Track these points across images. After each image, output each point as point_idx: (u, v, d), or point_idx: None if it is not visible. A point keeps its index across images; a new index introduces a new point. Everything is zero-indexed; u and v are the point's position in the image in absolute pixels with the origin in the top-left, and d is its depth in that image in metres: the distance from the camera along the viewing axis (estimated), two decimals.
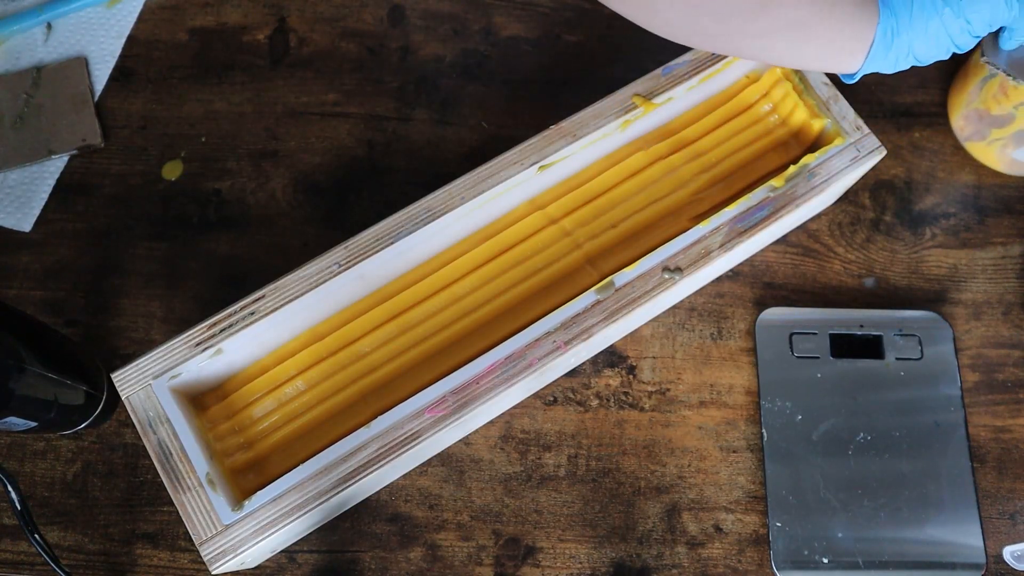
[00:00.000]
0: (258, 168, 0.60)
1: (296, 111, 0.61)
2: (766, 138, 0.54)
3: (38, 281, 0.57)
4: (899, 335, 0.55)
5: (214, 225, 0.58)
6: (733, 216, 0.49)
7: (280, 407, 0.48)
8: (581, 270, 0.51)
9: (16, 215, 0.58)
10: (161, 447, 0.45)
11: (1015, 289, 0.57)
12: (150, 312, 0.56)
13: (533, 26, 0.64)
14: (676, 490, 0.53)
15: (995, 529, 0.52)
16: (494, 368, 0.46)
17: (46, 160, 0.60)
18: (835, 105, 0.52)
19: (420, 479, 0.53)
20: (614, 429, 0.54)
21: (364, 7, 0.64)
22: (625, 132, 0.52)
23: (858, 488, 0.52)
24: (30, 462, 0.53)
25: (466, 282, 0.50)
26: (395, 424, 0.45)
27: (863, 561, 0.50)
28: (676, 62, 0.52)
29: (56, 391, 0.47)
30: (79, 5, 0.63)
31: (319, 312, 0.49)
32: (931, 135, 0.61)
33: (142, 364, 0.46)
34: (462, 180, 0.49)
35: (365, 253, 0.48)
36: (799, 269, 0.58)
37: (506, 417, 0.54)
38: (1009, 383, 0.55)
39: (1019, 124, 0.55)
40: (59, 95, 0.61)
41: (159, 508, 0.52)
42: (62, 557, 0.50)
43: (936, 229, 0.59)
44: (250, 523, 0.43)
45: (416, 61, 0.63)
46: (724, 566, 0.51)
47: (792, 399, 0.54)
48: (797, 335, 0.55)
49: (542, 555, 0.52)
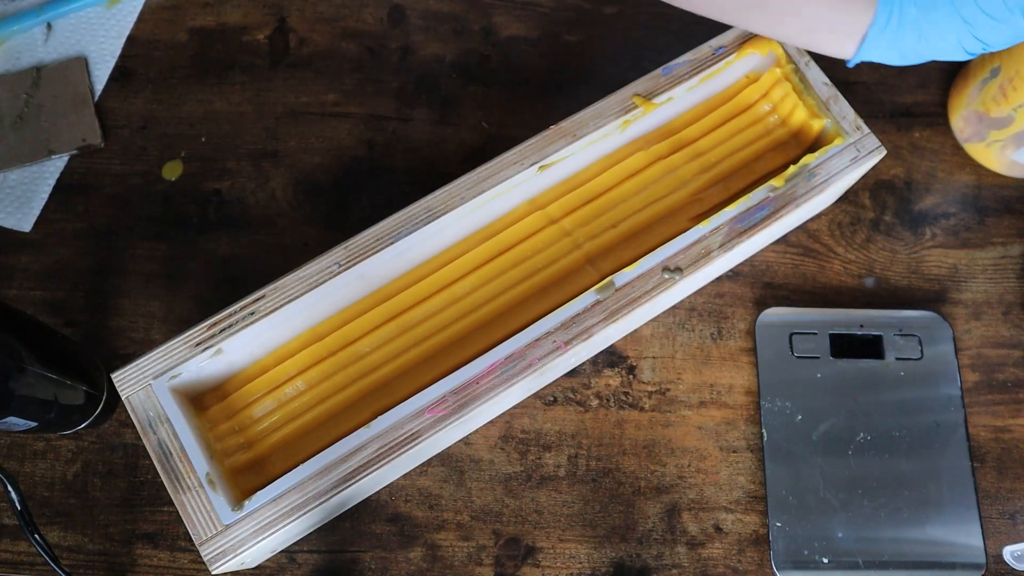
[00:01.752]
0: (258, 168, 0.60)
1: (296, 111, 0.61)
2: (766, 138, 0.54)
3: (38, 281, 0.57)
4: (899, 335, 0.55)
5: (214, 225, 0.58)
6: (733, 216, 0.49)
7: (280, 407, 0.48)
8: (581, 270, 0.51)
9: (16, 215, 0.58)
10: (161, 447, 0.45)
11: (1015, 289, 0.57)
12: (150, 312, 0.56)
13: (533, 26, 0.64)
14: (676, 490, 0.53)
15: (995, 529, 0.52)
16: (494, 368, 0.46)
17: (46, 160, 0.60)
18: (835, 105, 0.52)
19: (420, 479, 0.53)
20: (614, 429, 0.54)
21: (364, 7, 0.64)
22: (625, 132, 0.52)
23: (858, 488, 0.52)
24: (30, 462, 0.53)
25: (466, 282, 0.50)
26: (395, 424, 0.45)
27: (863, 561, 0.50)
28: (676, 62, 0.52)
29: (56, 391, 0.47)
30: (79, 5, 0.63)
31: (319, 312, 0.49)
32: (931, 135, 0.61)
33: (142, 364, 0.46)
34: (462, 180, 0.49)
35: (365, 253, 0.48)
36: (799, 269, 0.58)
37: (506, 417, 0.54)
38: (1009, 383, 0.55)
39: (1018, 126, 0.55)
40: (59, 95, 0.61)
41: (159, 508, 0.52)
42: (62, 557, 0.50)
43: (936, 229, 0.59)
44: (250, 523, 0.43)
45: (416, 61, 0.63)
46: (724, 566, 0.51)
47: (792, 399, 0.54)
48: (797, 335, 0.55)
49: (542, 555, 0.52)
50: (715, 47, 0.53)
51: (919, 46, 0.43)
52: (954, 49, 0.43)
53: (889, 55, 0.44)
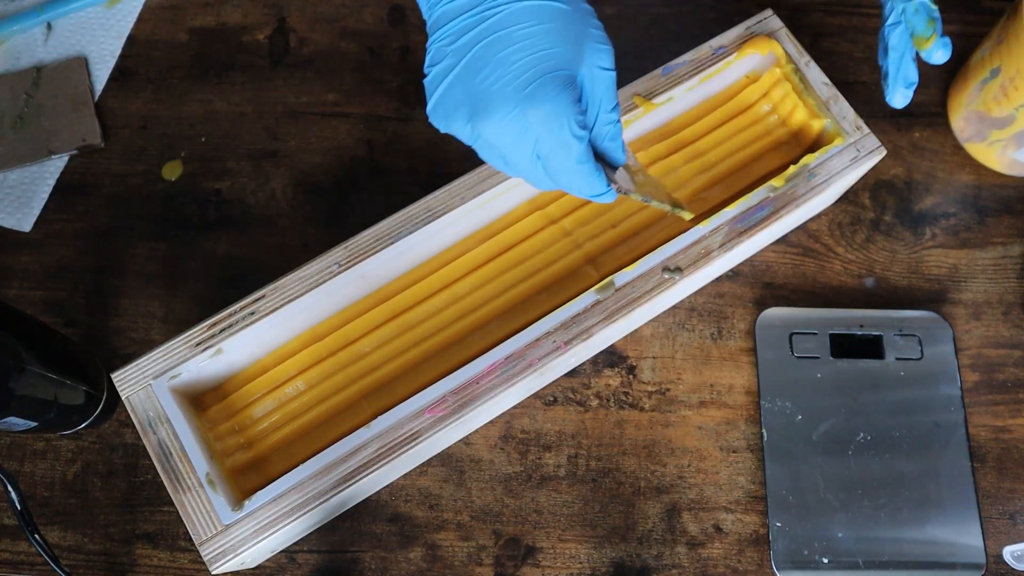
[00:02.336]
0: (258, 168, 0.60)
1: (296, 111, 0.61)
2: (766, 138, 0.54)
3: (38, 281, 0.57)
4: (899, 335, 0.55)
5: (214, 225, 0.58)
6: (733, 216, 0.49)
7: (280, 407, 0.48)
8: (581, 270, 0.51)
9: (16, 215, 0.58)
10: (161, 447, 0.45)
11: (1015, 289, 0.57)
12: (150, 312, 0.56)
13: None
14: (676, 490, 0.53)
15: (995, 529, 0.52)
16: (494, 368, 0.46)
17: (46, 160, 0.60)
18: (835, 105, 0.52)
19: (420, 479, 0.53)
20: (614, 429, 0.54)
21: (364, 7, 0.64)
22: (625, 132, 0.52)
23: (858, 488, 0.52)
24: (30, 462, 0.53)
25: (466, 282, 0.50)
26: (395, 424, 0.45)
27: (863, 561, 0.50)
28: (676, 62, 0.52)
29: (56, 391, 0.47)
30: (79, 5, 0.63)
31: (319, 312, 0.49)
32: (931, 135, 0.61)
33: (142, 364, 0.46)
34: (462, 180, 0.49)
35: (365, 253, 0.48)
36: (799, 269, 0.58)
37: (506, 417, 0.54)
38: (1009, 383, 0.55)
39: (1019, 126, 0.55)
40: (59, 95, 0.61)
41: (159, 508, 0.52)
42: (62, 557, 0.50)
43: (936, 229, 0.59)
44: (250, 523, 0.43)
45: (416, 61, 0.63)
46: (724, 566, 0.51)
47: (792, 399, 0.54)
48: (797, 335, 0.55)
49: (542, 555, 0.52)
50: (715, 47, 0.53)
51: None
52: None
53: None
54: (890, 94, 0.48)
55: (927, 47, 0.46)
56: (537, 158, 0.38)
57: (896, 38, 0.47)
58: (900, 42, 0.47)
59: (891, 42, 0.47)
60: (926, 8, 0.46)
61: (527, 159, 0.38)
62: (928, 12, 0.46)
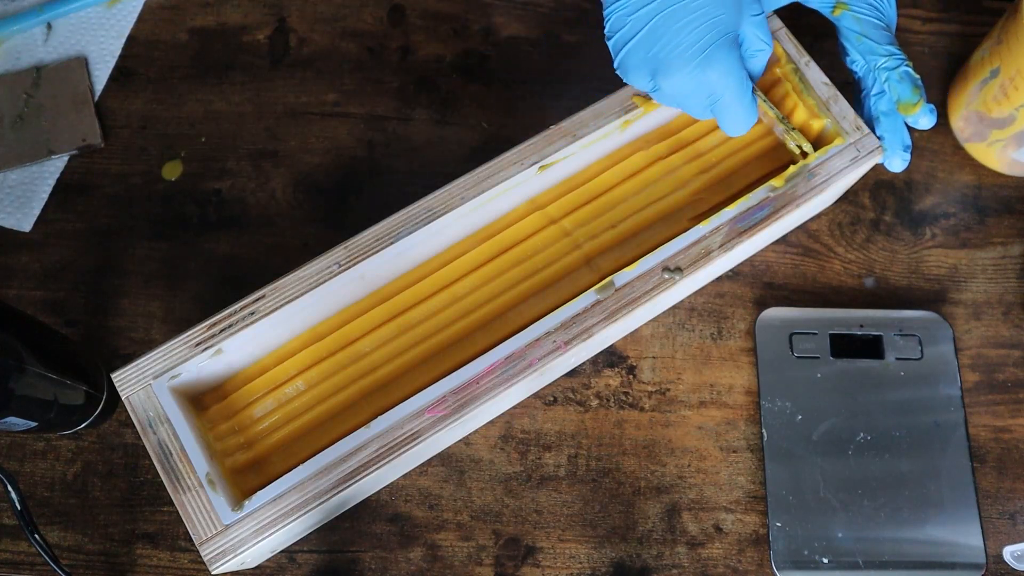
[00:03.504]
0: (258, 168, 0.60)
1: (296, 111, 0.61)
2: (766, 138, 0.54)
3: (38, 281, 0.57)
4: (899, 335, 0.55)
5: (214, 225, 0.58)
6: (733, 216, 0.49)
7: (280, 407, 0.48)
8: (581, 270, 0.51)
9: (16, 215, 0.58)
10: (161, 447, 0.45)
11: (1015, 289, 0.57)
12: (150, 312, 0.56)
13: (533, 26, 0.64)
14: (676, 490, 0.53)
15: (995, 529, 0.52)
16: (494, 368, 0.46)
17: (46, 160, 0.60)
18: (835, 105, 0.52)
19: (420, 479, 0.53)
20: (614, 429, 0.54)
21: (364, 7, 0.64)
22: (625, 132, 0.52)
23: (858, 488, 0.52)
24: (30, 462, 0.53)
25: (466, 282, 0.50)
26: (395, 424, 0.45)
27: (863, 561, 0.50)
28: None
29: (56, 391, 0.47)
30: (79, 5, 0.63)
31: (319, 312, 0.49)
32: (931, 135, 0.61)
33: (142, 364, 0.46)
34: (462, 180, 0.49)
35: (365, 253, 0.48)
36: (799, 269, 0.58)
37: (506, 417, 0.54)
38: (1009, 383, 0.55)
39: (1019, 126, 0.55)
40: (59, 95, 0.61)
41: (159, 508, 0.52)
42: (62, 557, 0.50)
43: (936, 229, 0.59)
44: (250, 523, 0.43)
45: (416, 61, 0.63)
46: (724, 566, 0.51)
47: (792, 399, 0.54)
48: (797, 335, 0.55)
49: (542, 555, 0.52)
50: None
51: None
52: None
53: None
54: (889, 160, 0.50)
55: (914, 112, 0.49)
56: (709, 103, 0.47)
57: (886, 105, 0.49)
58: (891, 109, 0.49)
59: (882, 110, 0.50)
60: (909, 76, 0.48)
61: (701, 105, 0.47)
62: (912, 80, 0.48)
